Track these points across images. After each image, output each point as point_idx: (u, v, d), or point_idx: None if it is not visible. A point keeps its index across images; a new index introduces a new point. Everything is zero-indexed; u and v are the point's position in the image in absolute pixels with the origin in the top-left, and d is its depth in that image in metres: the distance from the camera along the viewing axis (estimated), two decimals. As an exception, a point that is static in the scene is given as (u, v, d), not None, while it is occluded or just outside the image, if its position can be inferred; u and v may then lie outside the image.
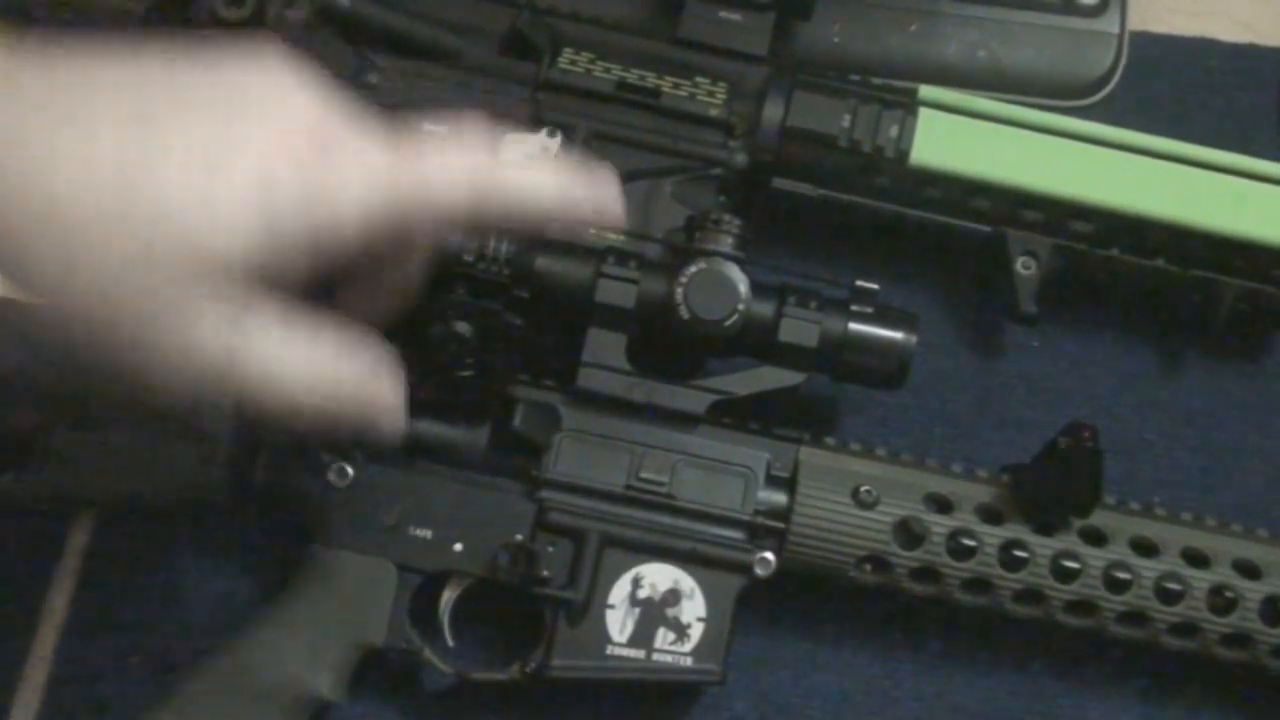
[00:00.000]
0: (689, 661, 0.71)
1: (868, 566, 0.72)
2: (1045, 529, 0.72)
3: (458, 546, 0.71)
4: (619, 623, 0.71)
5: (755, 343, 0.72)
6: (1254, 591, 0.72)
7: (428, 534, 0.71)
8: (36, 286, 0.52)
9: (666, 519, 0.72)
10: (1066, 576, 0.72)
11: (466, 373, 0.68)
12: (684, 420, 0.72)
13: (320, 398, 0.52)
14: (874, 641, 0.79)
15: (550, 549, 0.71)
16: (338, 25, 0.79)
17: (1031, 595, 0.72)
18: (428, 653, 0.72)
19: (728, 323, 0.70)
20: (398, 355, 0.54)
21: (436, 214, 0.55)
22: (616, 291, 0.71)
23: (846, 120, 0.78)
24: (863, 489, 0.72)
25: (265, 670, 0.69)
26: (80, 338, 0.52)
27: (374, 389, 0.54)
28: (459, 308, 0.67)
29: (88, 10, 0.79)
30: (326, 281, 0.55)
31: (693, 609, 0.71)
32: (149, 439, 0.69)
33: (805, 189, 0.79)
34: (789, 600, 0.77)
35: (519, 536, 0.71)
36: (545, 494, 0.71)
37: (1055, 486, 0.70)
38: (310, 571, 0.71)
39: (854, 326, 0.72)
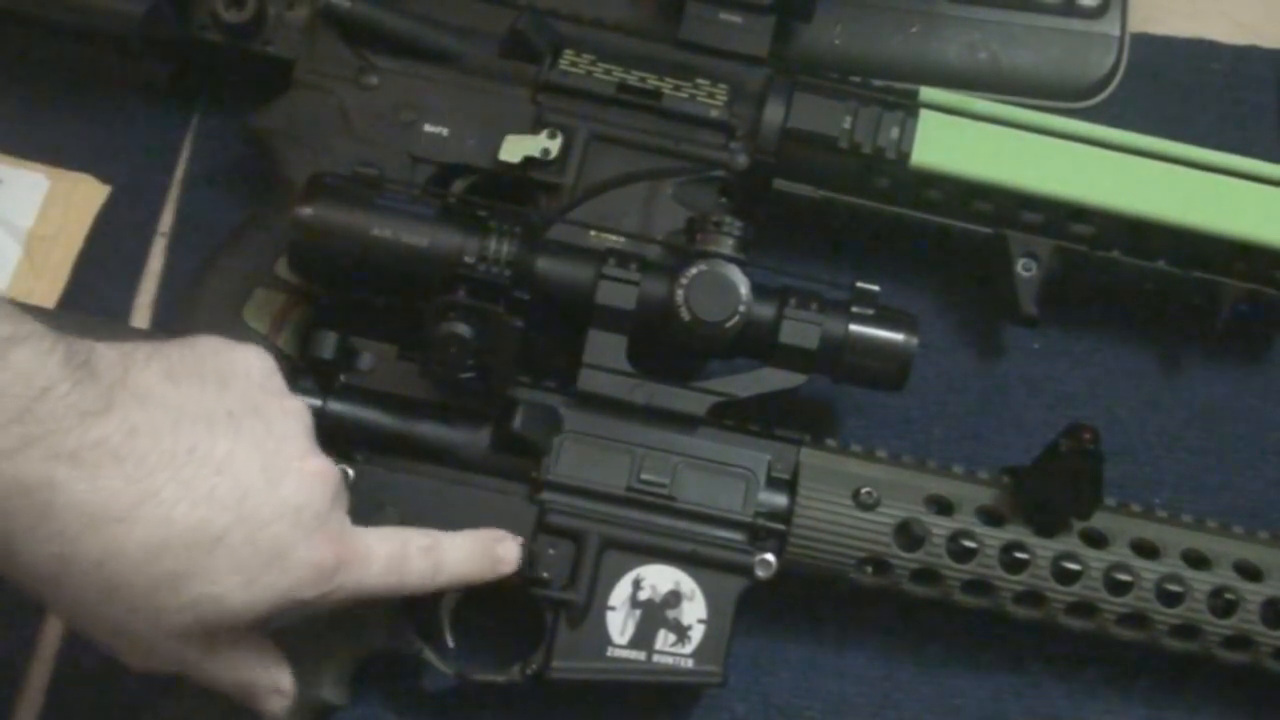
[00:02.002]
0: (690, 663, 0.71)
1: (868, 568, 0.72)
2: (1046, 531, 0.72)
3: (458, 548, 0.71)
4: (620, 624, 0.71)
5: (756, 344, 0.72)
6: (1255, 593, 0.72)
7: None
8: (30, 581, 0.56)
9: (667, 521, 0.72)
10: (1067, 578, 0.72)
11: (467, 374, 0.68)
12: (685, 422, 0.72)
13: (238, 685, 0.64)
14: (875, 643, 0.79)
15: (551, 550, 0.71)
16: (338, 27, 0.79)
17: (1032, 597, 0.72)
18: (428, 654, 0.72)
19: (728, 324, 0.70)
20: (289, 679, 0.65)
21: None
22: (617, 293, 0.71)
23: (847, 122, 0.78)
24: (863, 491, 0.72)
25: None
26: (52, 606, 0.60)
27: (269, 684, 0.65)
28: (460, 309, 0.67)
29: (88, 13, 0.79)
30: None
31: (693, 610, 0.71)
32: None
33: (806, 190, 0.79)
34: (790, 602, 0.77)
35: (520, 538, 0.71)
36: (546, 495, 0.71)
37: (1056, 488, 0.70)
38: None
39: (855, 328, 0.72)
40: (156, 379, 0.58)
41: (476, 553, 0.68)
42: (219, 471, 0.58)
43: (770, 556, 0.72)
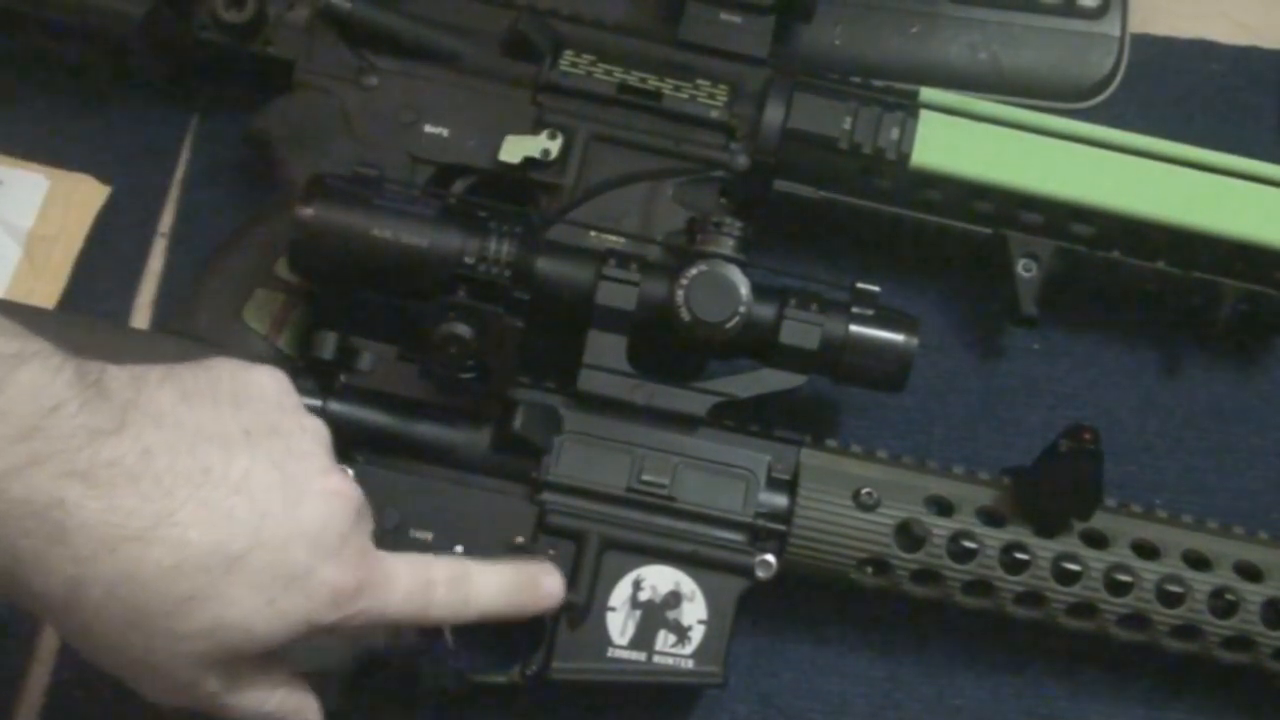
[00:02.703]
0: (690, 664, 0.71)
1: (869, 569, 0.72)
2: (1046, 531, 0.72)
3: (459, 549, 0.71)
4: (620, 625, 0.71)
5: (756, 345, 0.72)
6: (1255, 594, 0.72)
7: (428, 536, 0.71)
8: (42, 602, 0.55)
9: (667, 521, 0.72)
10: (1067, 579, 0.72)
11: (467, 375, 0.68)
12: (685, 422, 0.72)
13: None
14: (875, 644, 0.79)
15: (551, 551, 0.71)
16: (338, 28, 0.79)
17: (1032, 598, 0.72)
18: (429, 654, 0.72)
19: (729, 325, 0.70)
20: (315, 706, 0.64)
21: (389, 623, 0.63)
22: (617, 294, 0.71)
23: (847, 122, 0.78)
24: (864, 491, 0.72)
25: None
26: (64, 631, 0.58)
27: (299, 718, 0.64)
28: (460, 310, 0.67)
29: (88, 13, 0.79)
30: None
31: (694, 611, 0.71)
32: None
33: (806, 191, 0.79)
34: (790, 602, 0.77)
35: (520, 539, 0.71)
36: (546, 496, 0.71)
37: (1056, 489, 0.70)
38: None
39: (855, 329, 0.71)
40: (170, 400, 0.57)
41: (515, 586, 0.66)
42: (236, 491, 0.56)
43: (770, 557, 0.72)
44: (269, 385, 0.61)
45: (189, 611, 0.55)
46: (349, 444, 0.71)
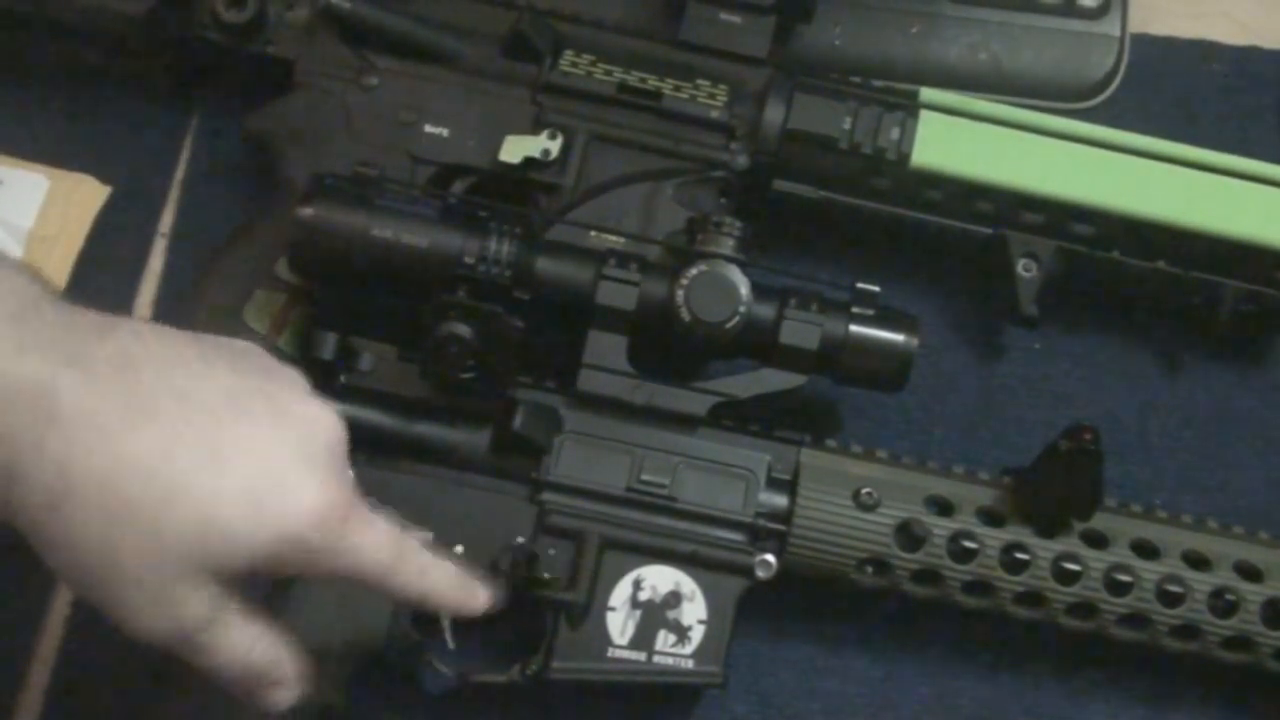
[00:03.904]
0: (690, 664, 0.71)
1: (869, 569, 0.73)
2: (1046, 531, 0.72)
3: (459, 549, 0.71)
4: (620, 625, 0.71)
5: (756, 345, 0.72)
6: (1255, 594, 0.72)
7: (429, 537, 0.71)
8: (46, 543, 0.55)
9: (667, 521, 0.72)
10: (1068, 579, 0.72)
11: (468, 375, 0.68)
12: (685, 422, 0.72)
13: (245, 671, 0.61)
14: (875, 644, 0.79)
15: (551, 551, 0.71)
16: (338, 27, 0.79)
17: (1033, 598, 0.72)
18: (429, 655, 0.72)
19: (729, 325, 0.70)
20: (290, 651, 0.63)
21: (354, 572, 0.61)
22: (617, 294, 0.71)
23: (847, 122, 0.78)
24: (864, 491, 0.72)
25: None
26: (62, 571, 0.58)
27: (277, 673, 0.63)
28: (460, 310, 0.67)
29: (88, 13, 0.79)
30: None
31: (694, 611, 0.71)
32: None
33: (806, 191, 0.79)
34: (790, 602, 0.77)
35: (520, 539, 0.71)
36: (546, 496, 0.71)
37: (1056, 488, 0.70)
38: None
39: (855, 329, 0.72)
40: (145, 329, 0.58)
41: (459, 580, 0.65)
42: (225, 395, 0.57)
43: (770, 557, 0.72)
44: (241, 344, 0.61)
45: (176, 504, 0.55)
46: (349, 444, 0.71)
